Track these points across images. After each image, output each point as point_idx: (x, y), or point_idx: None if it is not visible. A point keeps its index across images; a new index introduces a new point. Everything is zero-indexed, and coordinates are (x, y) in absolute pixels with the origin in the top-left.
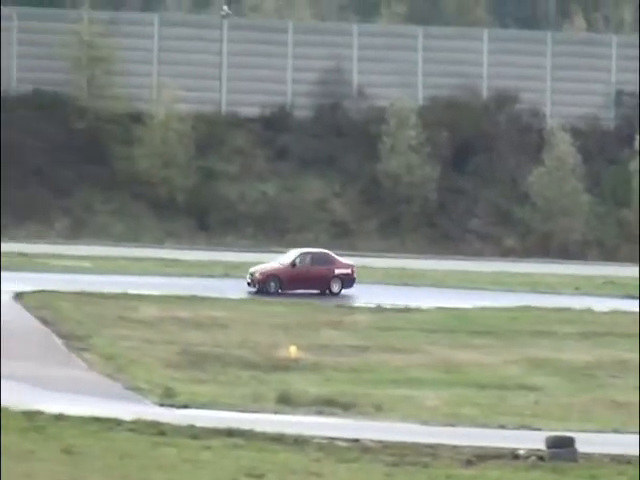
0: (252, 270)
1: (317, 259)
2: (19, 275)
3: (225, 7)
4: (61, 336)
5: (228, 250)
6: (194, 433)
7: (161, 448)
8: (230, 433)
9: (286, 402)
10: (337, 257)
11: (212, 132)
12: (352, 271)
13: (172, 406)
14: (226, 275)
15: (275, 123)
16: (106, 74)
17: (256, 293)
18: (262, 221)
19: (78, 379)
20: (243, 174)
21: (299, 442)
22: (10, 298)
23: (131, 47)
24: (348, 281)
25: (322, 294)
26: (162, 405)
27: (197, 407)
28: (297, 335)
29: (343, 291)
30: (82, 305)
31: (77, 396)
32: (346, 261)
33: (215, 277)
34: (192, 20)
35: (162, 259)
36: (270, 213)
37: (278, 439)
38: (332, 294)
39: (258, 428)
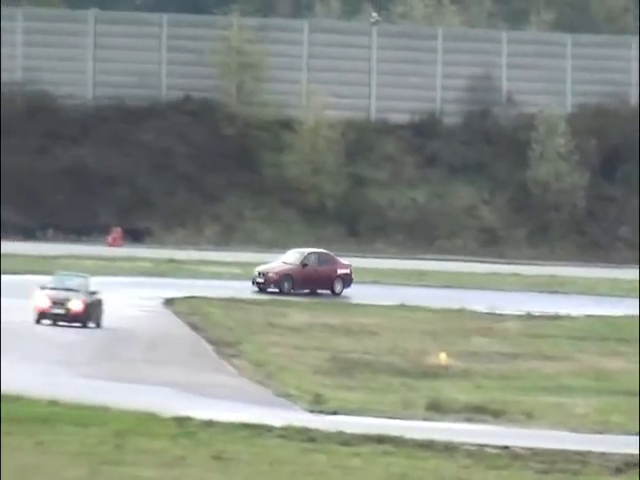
0: (262, 270)
1: (322, 259)
2: (169, 281)
3: (375, 14)
4: (211, 342)
5: (377, 257)
6: (344, 439)
7: (311, 454)
8: (380, 440)
9: (436, 409)
10: (336, 257)
11: (361, 139)
12: (350, 271)
13: (322, 412)
14: (375, 282)
15: (424, 130)
16: (255, 80)
17: (259, 292)
18: (411, 228)
19: (228, 385)
20: (393, 181)
21: (449, 449)
22: (160, 304)
23: (280, 53)
24: (347, 281)
25: (313, 294)
26: (312, 411)
27: (347, 413)
28: (447, 342)
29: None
30: (232, 311)
31: (227, 402)
32: (344, 261)
33: (364, 284)
34: (342, 27)
35: None
36: (419, 220)
37: (428, 446)
38: (334, 294)
39: (408, 435)
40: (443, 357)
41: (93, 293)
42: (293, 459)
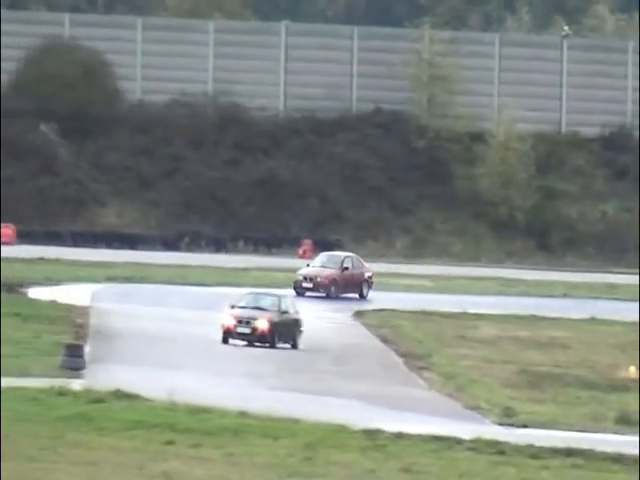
0: (307, 274)
1: (354, 263)
2: None
3: (566, 27)
4: (401, 355)
5: (567, 270)
6: (533, 452)
7: (500, 467)
8: (569, 453)
9: (625, 422)
10: (362, 260)
11: (552, 152)
12: (372, 274)
13: (511, 425)
14: (565, 295)
15: (615, 143)
16: (447, 93)
17: (297, 296)
18: (602, 241)
19: (417, 398)
20: (583, 194)
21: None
22: (350, 316)
23: (471, 66)
24: (370, 284)
25: (328, 297)
26: (501, 424)
27: (536, 427)
28: (636, 355)
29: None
30: (421, 324)
31: (416, 415)
32: (366, 264)
33: (555, 297)
34: (532, 40)
35: (502, 278)
36: (610, 233)
37: (617, 459)
38: (362, 297)
39: (597, 448)
40: (633, 370)
41: (284, 312)
42: (482, 472)
